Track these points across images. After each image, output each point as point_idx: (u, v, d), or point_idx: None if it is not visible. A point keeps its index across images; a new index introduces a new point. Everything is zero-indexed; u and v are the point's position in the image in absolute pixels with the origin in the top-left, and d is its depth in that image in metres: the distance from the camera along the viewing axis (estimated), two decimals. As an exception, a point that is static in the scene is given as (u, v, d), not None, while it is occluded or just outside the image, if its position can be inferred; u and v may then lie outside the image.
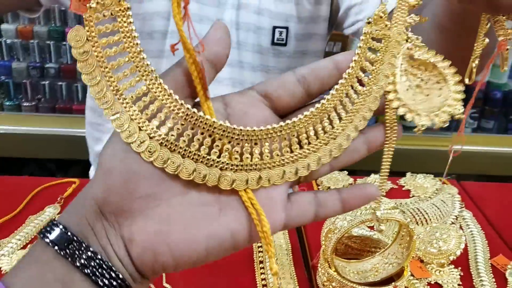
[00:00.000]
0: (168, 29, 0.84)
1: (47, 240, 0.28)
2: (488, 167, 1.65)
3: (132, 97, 0.28)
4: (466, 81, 0.43)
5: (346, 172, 0.86)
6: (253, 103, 0.31)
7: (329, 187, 0.79)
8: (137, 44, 0.28)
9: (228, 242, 0.29)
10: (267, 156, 0.30)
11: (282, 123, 0.30)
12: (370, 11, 0.77)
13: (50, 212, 0.70)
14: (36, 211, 0.70)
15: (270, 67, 0.90)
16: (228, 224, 0.29)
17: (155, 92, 0.28)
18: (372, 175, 0.87)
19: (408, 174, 0.87)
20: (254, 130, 0.30)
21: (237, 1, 0.83)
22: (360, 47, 0.31)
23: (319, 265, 0.60)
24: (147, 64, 0.28)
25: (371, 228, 0.71)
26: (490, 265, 0.66)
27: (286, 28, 0.87)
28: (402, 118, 0.31)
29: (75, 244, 0.28)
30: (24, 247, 0.63)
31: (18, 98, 1.58)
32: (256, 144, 0.30)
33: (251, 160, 0.30)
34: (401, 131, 0.32)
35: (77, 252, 0.27)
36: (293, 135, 0.30)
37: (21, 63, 1.56)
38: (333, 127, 0.31)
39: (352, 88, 0.31)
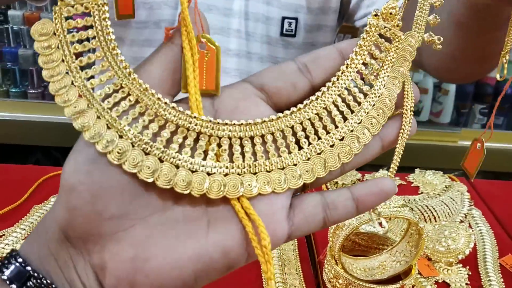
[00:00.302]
0: (175, 18, 0.83)
1: (4, 277, 0.24)
2: (497, 164, 1.63)
3: (101, 94, 0.25)
4: (497, 77, 0.41)
5: (356, 171, 0.85)
6: (246, 97, 0.27)
7: (336, 182, 0.78)
8: (111, 39, 0.26)
9: (220, 263, 0.25)
10: (261, 157, 0.27)
11: (273, 116, 0.27)
12: (382, 4, 0.75)
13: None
14: (41, 201, 0.70)
15: (278, 58, 0.89)
16: (218, 241, 0.25)
17: (129, 88, 0.25)
18: (381, 171, 0.85)
19: (417, 171, 0.86)
20: (241, 124, 0.26)
21: None
22: (363, 38, 0.28)
23: (325, 261, 0.59)
24: (121, 60, 0.26)
25: (380, 225, 0.70)
26: (499, 264, 0.65)
27: (296, 19, 0.86)
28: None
29: (35, 281, 0.24)
30: (28, 237, 0.63)
31: (24, 85, 1.57)
32: (247, 142, 0.27)
33: (243, 161, 0.26)
34: (416, 126, 0.29)
35: None
36: (288, 132, 0.27)
37: (28, 50, 1.56)
38: (336, 127, 0.28)
39: (354, 82, 0.28)
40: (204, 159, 0.26)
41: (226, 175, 0.26)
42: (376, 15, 0.29)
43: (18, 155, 1.61)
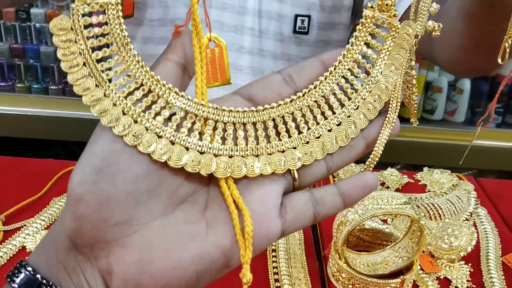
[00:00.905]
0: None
1: (14, 285, 0.25)
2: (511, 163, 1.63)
3: (116, 84, 0.28)
4: (499, 61, 0.43)
5: (362, 165, 0.86)
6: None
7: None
8: (124, 36, 0.28)
9: (221, 261, 0.27)
10: (263, 141, 0.29)
11: (274, 104, 0.29)
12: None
13: (73, 194, 0.72)
14: (60, 193, 0.73)
15: (291, 56, 0.91)
16: (218, 241, 0.26)
17: (142, 79, 0.28)
18: (389, 169, 0.87)
19: (425, 169, 0.87)
20: (245, 111, 0.29)
21: None
22: (359, 30, 0.30)
23: (330, 256, 0.62)
24: (135, 54, 0.28)
25: (384, 221, 0.72)
26: (501, 262, 0.66)
27: (308, 16, 0.87)
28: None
29: None
30: (47, 228, 0.66)
31: (45, 81, 1.62)
32: (250, 127, 0.29)
33: (246, 145, 0.28)
34: (399, 126, 0.30)
35: None
36: (289, 118, 0.29)
37: (49, 47, 1.60)
38: (334, 113, 0.30)
39: (345, 77, 0.30)
40: (211, 142, 0.28)
41: (231, 157, 0.28)
42: (371, 7, 0.30)
43: (38, 149, 1.65)
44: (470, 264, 0.65)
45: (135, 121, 0.27)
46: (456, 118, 1.65)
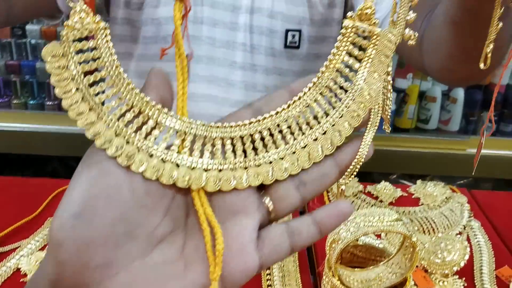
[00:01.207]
0: (183, 34, 0.86)
1: None
2: (507, 171, 1.63)
3: (108, 107, 0.28)
4: (481, 66, 0.43)
5: (356, 179, 0.87)
6: None
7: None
8: (114, 59, 0.29)
9: None
10: (250, 153, 0.30)
11: (260, 117, 0.30)
12: (383, 13, 0.77)
13: (68, 214, 0.73)
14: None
15: (283, 70, 0.92)
16: (197, 280, 0.27)
17: (132, 101, 0.28)
18: (383, 182, 0.88)
19: (419, 182, 0.88)
20: (232, 126, 0.29)
21: (250, 5, 0.85)
22: (340, 40, 0.31)
23: (323, 273, 0.62)
24: (124, 78, 0.28)
25: (378, 236, 0.73)
26: (494, 276, 0.66)
27: (299, 31, 0.88)
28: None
29: None
30: (42, 249, 0.66)
31: (41, 97, 1.62)
32: (237, 141, 0.30)
33: (234, 158, 0.29)
34: (373, 149, 0.30)
35: None
36: (275, 130, 0.30)
37: (45, 63, 1.61)
38: (319, 122, 0.30)
39: (334, 80, 0.30)
40: (201, 157, 0.29)
41: (220, 170, 0.29)
42: (351, 16, 0.30)
43: (36, 165, 1.66)
44: (463, 279, 0.65)
45: (127, 142, 0.28)
46: (450, 127, 1.66)
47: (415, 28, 0.31)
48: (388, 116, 0.37)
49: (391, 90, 0.33)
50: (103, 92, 0.29)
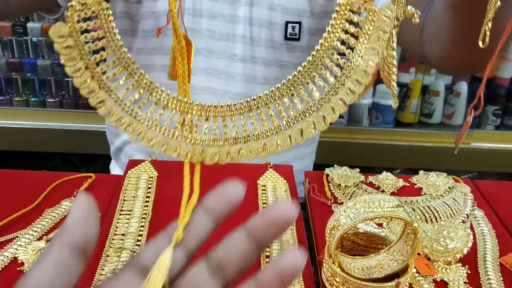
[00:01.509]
0: (182, 27, 0.86)
1: None
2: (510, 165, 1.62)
3: (116, 86, 0.31)
4: (480, 44, 0.43)
5: (358, 170, 0.86)
6: None
7: (339, 184, 0.80)
8: (118, 39, 0.30)
9: None
10: (250, 128, 0.32)
11: (260, 94, 0.31)
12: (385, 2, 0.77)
13: (66, 205, 0.72)
14: (53, 204, 0.73)
15: (284, 62, 0.91)
16: None
17: (138, 82, 0.31)
18: (384, 173, 0.87)
19: (421, 172, 0.87)
20: (229, 105, 0.32)
21: None
22: (334, 18, 0.30)
23: (324, 260, 0.61)
24: (129, 57, 0.30)
25: (379, 225, 0.72)
26: (498, 263, 0.65)
27: (299, 23, 0.88)
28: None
29: None
30: (39, 239, 0.66)
31: (43, 94, 1.62)
32: (236, 117, 0.32)
33: (235, 134, 0.32)
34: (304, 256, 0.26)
35: None
36: (276, 106, 0.31)
37: (46, 61, 1.61)
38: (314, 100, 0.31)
39: (330, 58, 0.30)
40: (199, 134, 0.31)
41: (220, 146, 0.31)
42: None
43: (37, 162, 1.66)
44: (467, 266, 0.64)
45: (135, 118, 0.30)
46: (454, 121, 1.65)
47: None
48: (395, 91, 0.36)
49: (396, 65, 0.33)
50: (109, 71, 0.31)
